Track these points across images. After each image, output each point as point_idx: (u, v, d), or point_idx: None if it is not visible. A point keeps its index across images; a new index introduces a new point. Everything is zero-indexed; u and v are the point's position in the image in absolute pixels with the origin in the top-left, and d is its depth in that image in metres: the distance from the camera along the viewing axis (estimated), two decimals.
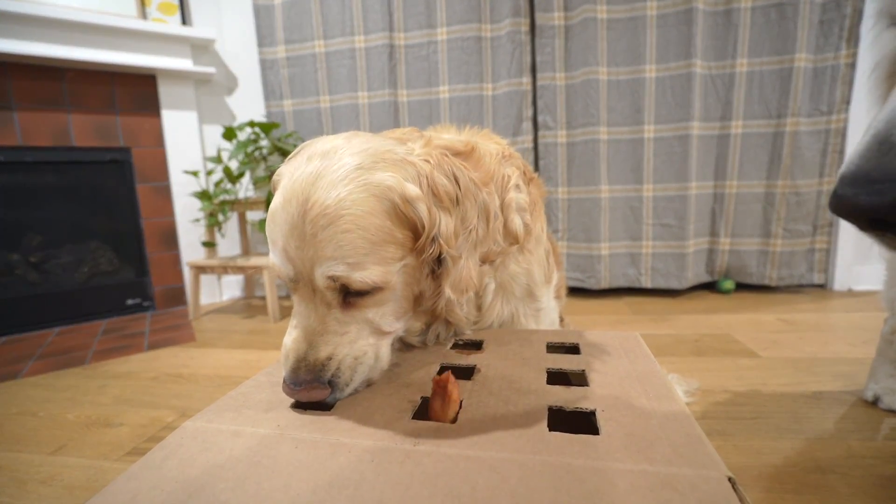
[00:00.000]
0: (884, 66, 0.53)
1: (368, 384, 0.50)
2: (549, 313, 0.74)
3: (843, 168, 0.35)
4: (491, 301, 0.66)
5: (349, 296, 0.48)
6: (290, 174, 0.48)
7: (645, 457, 0.34)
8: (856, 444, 0.85)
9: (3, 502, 0.81)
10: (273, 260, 0.49)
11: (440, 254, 0.51)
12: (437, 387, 0.43)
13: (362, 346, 0.49)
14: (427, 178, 0.50)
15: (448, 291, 0.53)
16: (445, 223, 0.51)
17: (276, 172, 0.53)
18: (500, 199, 0.62)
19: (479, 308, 0.66)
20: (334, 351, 0.47)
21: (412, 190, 0.48)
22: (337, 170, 0.46)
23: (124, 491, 0.33)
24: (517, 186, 0.65)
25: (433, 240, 0.50)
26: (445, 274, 0.53)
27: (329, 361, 0.46)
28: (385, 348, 0.52)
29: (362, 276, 0.46)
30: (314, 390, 0.44)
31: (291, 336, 0.48)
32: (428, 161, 0.51)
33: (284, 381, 0.46)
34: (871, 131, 0.35)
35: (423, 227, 0.49)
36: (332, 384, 0.46)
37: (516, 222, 0.64)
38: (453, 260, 0.52)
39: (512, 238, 0.64)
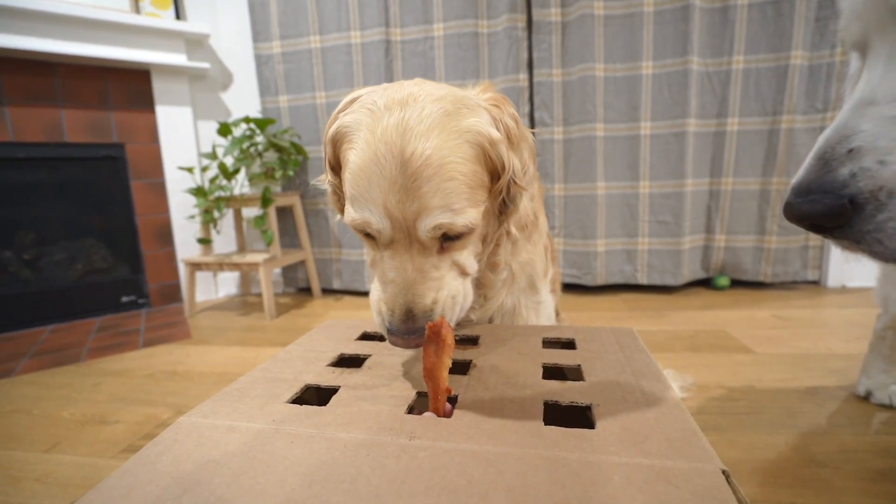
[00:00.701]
0: (852, 82, 0.58)
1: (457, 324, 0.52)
2: (547, 307, 0.75)
3: (794, 180, 0.41)
4: (499, 288, 0.67)
5: (445, 241, 0.49)
6: (371, 127, 0.46)
7: (640, 450, 0.34)
8: (849, 438, 0.86)
9: None
10: (365, 217, 0.47)
11: (508, 193, 0.54)
12: (430, 332, 0.42)
13: (456, 286, 0.51)
14: (501, 121, 0.52)
15: (513, 229, 0.58)
16: (515, 163, 0.53)
17: (341, 124, 0.50)
18: None
19: (484, 297, 0.67)
20: (437, 295, 0.49)
21: (496, 134, 0.50)
22: (426, 118, 0.46)
23: (119, 486, 0.33)
24: None
25: (509, 181, 0.52)
26: (510, 213, 0.57)
27: (435, 305, 0.48)
28: (470, 287, 0.55)
29: (464, 220, 0.47)
30: (423, 336, 0.45)
31: (390, 290, 0.48)
32: (497, 106, 0.54)
33: (392, 333, 0.47)
34: (814, 148, 0.40)
35: (504, 169, 0.51)
36: None
37: (528, 208, 0.65)
38: (520, 197, 0.56)
39: (521, 225, 0.65)
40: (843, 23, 0.46)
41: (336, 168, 0.55)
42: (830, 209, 0.37)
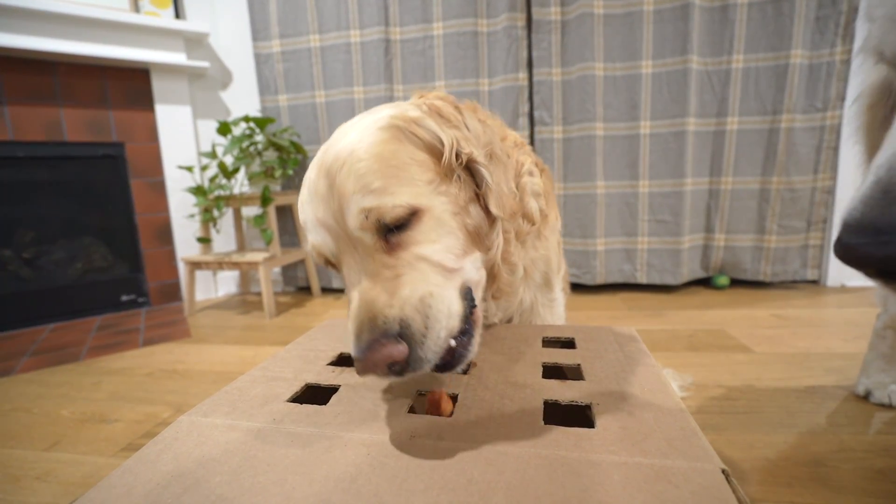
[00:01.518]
0: (867, 97, 0.54)
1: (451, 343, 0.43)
2: (559, 304, 0.75)
3: (847, 214, 0.34)
4: (517, 286, 0.66)
5: (390, 234, 0.43)
6: (309, 170, 0.48)
7: (639, 449, 0.34)
8: (848, 437, 0.86)
9: None
10: (310, 240, 0.47)
11: (472, 172, 0.50)
12: (429, 402, 0.43)
13: (426, 286, 0.42)
14: (424, 104, 0.51)
15: (494, 209, 0.50)
16: (459, 136, 0.49)
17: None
18: (514, 182, 0.61)
19: (506, 298, 0.66)
20: (393, 298, 0.40)
21: (413, 112, 0.49)
22: (343, 129, 0.48)
23: (120, 485, 0.33)
24: (530, 172, 0.66)
25: (457, 155, 0.48)
26: (485, 192, 0.50)
27: (390, 310, 0.39)
28: (454, 291, 0.45)
29: (394, 200, 0.42)
30: (384, 347, 0.37)
31: (350, 310, 0.42)
32: (421, 96, 0.54)
33: (356, 359, 0.39)
34: (871, 176, 0.34)
35: (441, 141, 0.47)
36: (403, 337, 0.38)
37: (532, 205, 0.63)
38: (486, 170, 0.50)
39: (529, 220, 0.64)
40: (877, 30, 0.42)
41: None
42: None
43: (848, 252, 0.34)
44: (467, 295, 0.47)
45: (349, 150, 0.44)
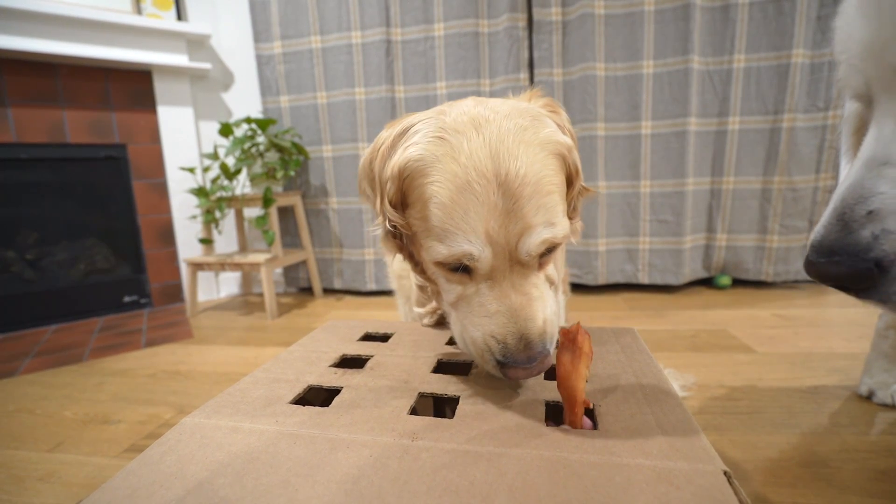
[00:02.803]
0: (850, 122, 0.59)
1: None
2: (562, 306, 0.75)
3: (812, 236, 0.41)
4: None
5: (542, 257, 0.47)
6: (451, 155, 0.44)
7: (641, 451, 0.34)
8: (850, 438, 0.86)
9: (1, 499, 0.81)
10: (464, 249, 0.44)
11: (577, 197, 0.54)
12: (565, 339, 0.40)
13: (552, 299, 0.49)
14: (564, 127, 0.52)
15: (577, 234, 0.57)
16: (580, 167, 0.53)
17: (409, 158, 0.47)
18: None
19: None
20: (545, 315, 0.46)
21: (569, 141, 0.50)
22: (506, 136, 0.45)
23: (123, 487, 0.33)
24: None
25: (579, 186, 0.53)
26: (573, 217, 0.56)
27: (546, 326, 0.45)
28: (556, 299, 0.52)
29: (563, 231, 0.46)
30: (546, 360, 0.44)
31: (497, 321, 0.45)
32: (555, 111, 0.53)
33: (513, 366, 0.43)
34: (832, 204, 0.41)
35: (577, 174, 0.51)
36: (548, 348, 0.45)
37: None
38: (581, 201, 0.56)
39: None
40: (843, 73, 0.46)
41: (399, 206, 0.51)
42: (857, 272, 0.38)
43: (810, 269, 0.41)
44: None
45: (536, 178, 0.44)
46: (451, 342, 0.60)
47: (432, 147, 0.46)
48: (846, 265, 0.38)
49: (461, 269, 0.46)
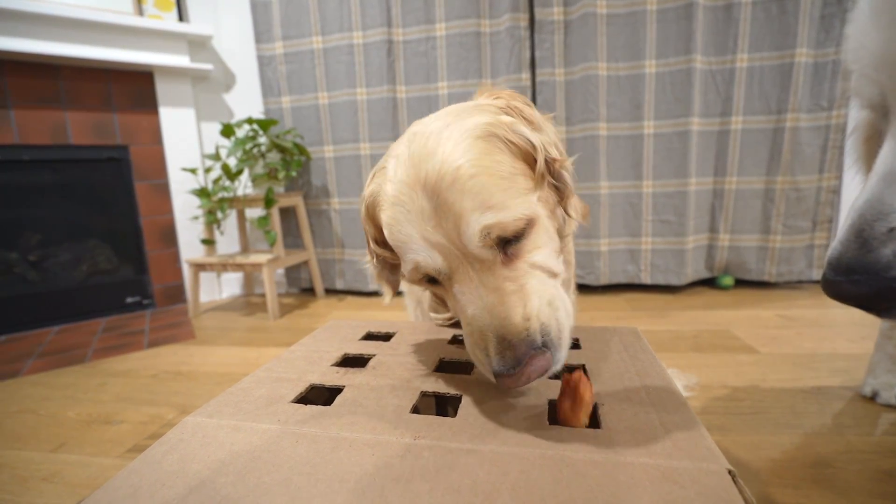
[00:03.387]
0: (861, 131, 0.58)
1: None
2: (573, 304, 0.75)
3: (829, 253, 0.40)
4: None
5: (507, 246, 0.43)
6: (391, 178, 0.45)
7: (645, 450, 0.34)
8: (854, 438, 0.85)
9: (5, 499, 0.81)
10: (413, 260, 0.44)
11: (552, 174, 0.49)
12: (566, 386, 0.40)
13: (548, 289, 0.44)
14: (509, 107, 0.49)
15: (572, 213, 0.51)
16: (546, 140, 0.48)
17: (367, 195, 0.50)
18: None
19: None
20: (525, 308, 0.41)
21: (506, 118, 0.47)
22: (430, 139, 0.44)
23: (125, 486, 0.33)
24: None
25: (546, 161, 0.47)
26: (565, 194, 0.51)
27: (528, 322, 0.41)
28: (564, 291, 0.46)
29: (512, 214, 0.42)
30: (536, 359, 0.39)
31: (475, 326, 0.42)
32: (500, 97, 0.51)
33: (501, 376, 0.39)
34: (849, 220, 0.39)
35: (534, 147, 0.46)
36: (545, 345, 0.40)
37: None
38: (567, 173, 0.50)
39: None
40: (855, 82, 0.44)
41: (380, 240, 0.53)
42: (878, 292, 0.36)
43: (829, 288, 0.39)
44: None
45: (454, 166, 0.41)
46: (452, 341, 0.60)
47: (380, 179, 0.47)
48: (866, 285, 0.36)
49: (432, 281, 0.46)
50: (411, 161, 0.44)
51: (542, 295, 0.43)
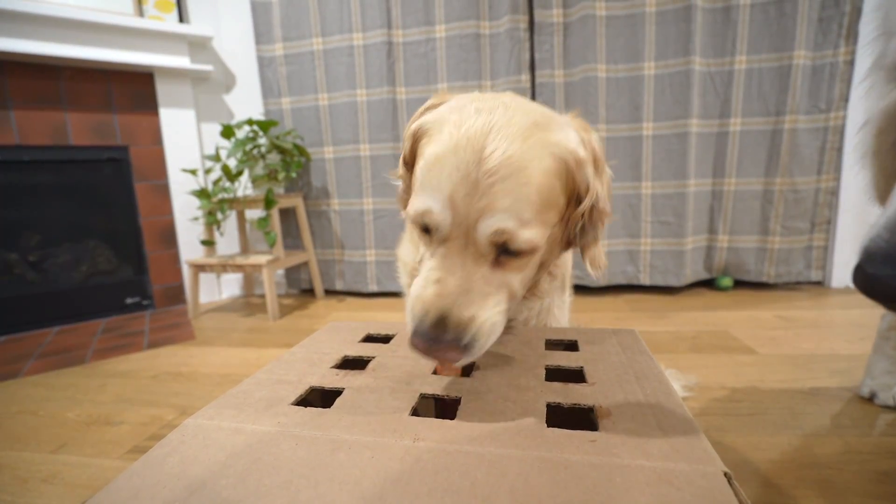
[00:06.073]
0: (877, 122, 0.53)
1: None
2: (568, 306, 0.76)
3: (869, 241, 0.33)
4: (547, 291, 0.66)
5: (503, 254, 0.46)
6: (456, 123, 0.46)
7: (642, 452, 0.34)
8: (852, 439, 0.86)
9: (5, 500, 0.81)
10: (428, 205, 0.45)
11: (591, 219, 0.51)
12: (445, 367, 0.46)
13: (500, 311, 0.46)
14: (588, 143, 0.51)
15: (588, 265, 0.54)
16: (600, 188, 0.50)
17: (425, 120, 0.50)
18: None
19: (535, 299, 0.66)
20: (477, 313, 0.44)
21: (583, 153, 0.49)
22: (513, 124, 0.45)
23: (126, 488, 0.33)
24: None
25: (591, 207, 0.50)
26: (589, 242, 0.54)
27: (471, 323, 0.43)
28: (504, 317, 0.49)
29: (527, 236, 0.44)
30: (451, 350, 0.43)
31: (431, 289, 0.44)
32: (585, 129, 0.52)
33: (416, 335, 0.43)
34: (890, 210, 0.33)
35: (587, 192, 0.49)
36: (465, 347, 0.43)
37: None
38: (602, 226, 0.53)
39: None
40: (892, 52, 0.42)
41: (410, 164, 0.55)
42: None
43: (871, 283, 0.32)
44: None
45: (520, 165, 0.43)
46: None
47: (447, 115, 0.48)
48: None
49: (425, 229, 0.47)
50: (488, 127, 0.44)
51: (494, 312, 0.46)
